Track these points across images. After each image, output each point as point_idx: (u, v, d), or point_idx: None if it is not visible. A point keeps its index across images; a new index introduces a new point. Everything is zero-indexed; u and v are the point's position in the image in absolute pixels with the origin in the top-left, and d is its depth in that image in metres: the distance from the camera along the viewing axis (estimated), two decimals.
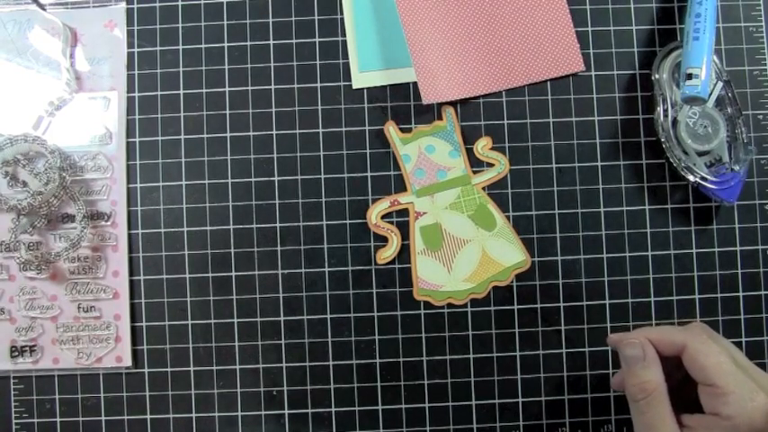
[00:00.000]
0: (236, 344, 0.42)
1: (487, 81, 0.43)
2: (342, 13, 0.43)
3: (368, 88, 0.43)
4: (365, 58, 0.43)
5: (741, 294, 0.42)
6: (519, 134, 0.43)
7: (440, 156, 0.42)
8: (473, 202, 0.42)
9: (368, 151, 0.43)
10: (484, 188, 0.43)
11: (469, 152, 0.43)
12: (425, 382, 0.42)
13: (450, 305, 0.42)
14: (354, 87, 0.43)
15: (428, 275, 0.42)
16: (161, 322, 0.42)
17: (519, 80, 0.43)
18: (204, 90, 0.43)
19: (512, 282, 0.42)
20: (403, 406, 0.42)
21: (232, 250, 0.42)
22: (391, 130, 0.42)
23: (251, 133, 0.43)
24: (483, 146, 0.42)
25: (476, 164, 0.43)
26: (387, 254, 0.42)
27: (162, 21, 0.43)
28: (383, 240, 0.42)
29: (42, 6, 0.43)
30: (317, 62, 0.43)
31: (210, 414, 0.42)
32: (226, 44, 0.43)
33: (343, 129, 0.43)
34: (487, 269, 0.42)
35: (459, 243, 0.42)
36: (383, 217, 0.42)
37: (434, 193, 0.42)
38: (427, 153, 0.42)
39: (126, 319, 0.42)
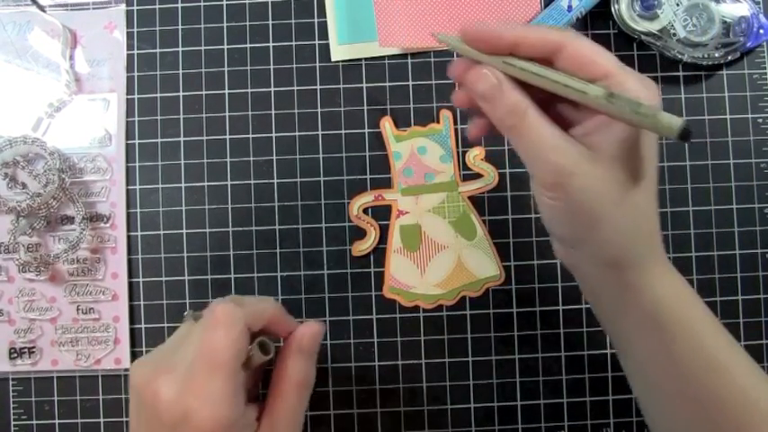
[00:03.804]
0: None
1: (449, 32, 0.43)
2: None
3: (367, 89, 0.43)
4: (342, 34, 0.43)
5: (740, 298, 0.42)
6: None
7: (431, 158, 0.42)
8: (456, 210, 0.42)
9: (367, 154, 0.43)
10: (470, 197, 0.42)
11: (463, 158, 0.42)
12: (424, 384, 0.42)
13: (447, 308, 0.42)
14: (333, 60, 0.43)
15: (400, 274, 0.42)
16: (160, 324, 0.42)
17: None
18: (204, 92, 0.43)
19: (510, 286, 0.42)
20: (402, 409, 0.42)
21: (231, 252, 0.42)
22: (387, 125, 0.42)
23: (250, 135, 0.43)
24: (475, 155, 0.42)
25: (465, 169, 0.43)
26: (363, 247, 0.42)
27: (162, 23, 0.43)
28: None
29: (42, 8, 0.43)
30: (317, 64, 0.43)
31: None
32: (225, 46, 0.43)
33: (343, 131, 0.43)
34: (460, 278, 0.42)
35: (436, 248, 0.42)
36: (365, 211, 0.42)
37: (419, 194, 0.42)
38: (419, 153, 0.42)
39: (125, 320, 0.42)
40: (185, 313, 0.34)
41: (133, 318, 0.42)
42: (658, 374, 0.31)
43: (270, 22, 0.43)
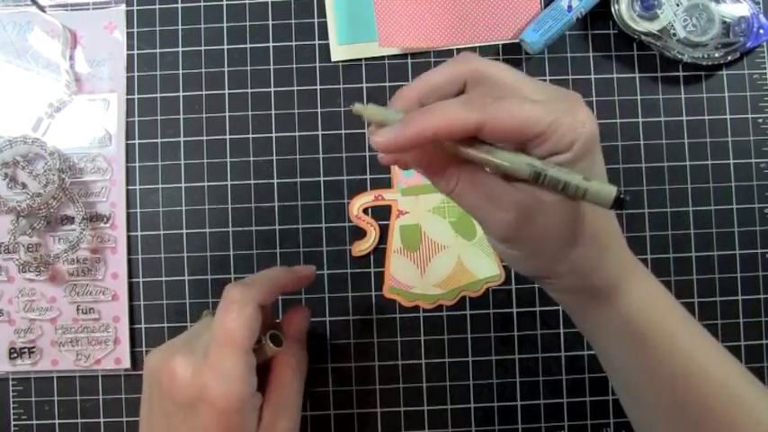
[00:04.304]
0: None
1: (450, 33, 0.43)
2: None
3: (368, 89, 0.43)
4: (342, 34, 0.43)
5: (740, 298, 0.42)
6: None
7: None
8: (456, 210, 0.42)
9: (367, 154, 0.43)
10: None
11: None
12: (424, 384, 0.42)
13: (447, 308, 0.42)
14: (333, 60, 0.43)
15: (400, 275, 0.42)
16: (160, 324, 0.42)
17: (483, 36, 0.43)
18: (204, 92, 0.43)
19: (510, 286, 0.42)
20: (402, 409, 0.42)
21: (231, 252, 0.42)
22: None
23: (250, 135, 0.43)
24: None
25: None
26: (363, 247, 0.42)
27: (162, 23, 0.43)
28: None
29: (42, 8, 0.43)
30: (317, 65, 0.43)
31: None
32: (225, 46, 0.43)
33: (343, 131, 0.43)
34: (460, 278, 0.42)
35: (437, 248, 0.42)
36: (365, 211, 0.42)
37: (419, 194, 0.42)
38: None
39: (125, 320, 0.42)
40: (204, 312, 0.36)
41: (133, 318, 0.42)
42: (638, 383, 0.31)
43: (270, 22, 0.43)
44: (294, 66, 0.43)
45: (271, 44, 0.43)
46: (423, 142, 0.25)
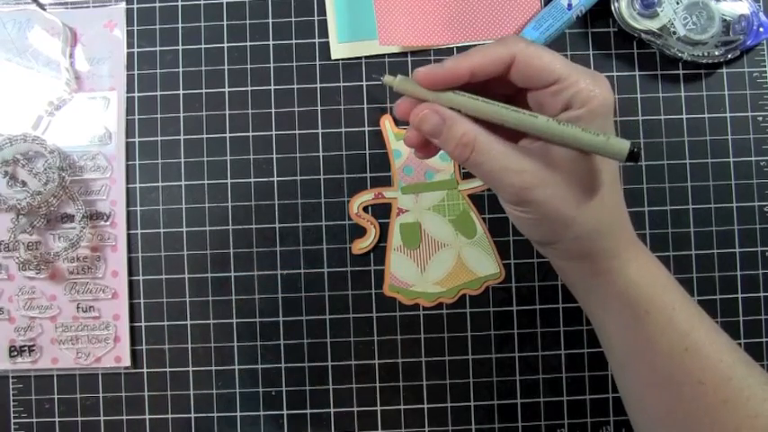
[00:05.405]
0: (235, 344, 0.42)
1: (450, 32, 0.43)
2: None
3: (367, 87, 0.43)
4: (342, 32, 0.43)
5: (740, 296, 0.42)
6: None
7: None
8: (456, 208, 0.42)
9: (367, 152, 0.43)
10: (470, 195, 0.43)
11: None
12: (424, 382, 0.42)
13: (447, 306, 0.42)
14: (333, 58, 0.43)
15: (400, 273, 0.42)
16: (160, 322, 0.42)
17: (483, 34, 0.43)
18: (204, 90, 0.43)
19: (510, 284, 0.42)
20: (402, 407, 0.42)
21: (231, 251, 0.42)
22: (387, 123, 0.42)
23: (250, 133, 0.43)
24: None
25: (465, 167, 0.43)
26: (363, 245, 0.42)
27: (162, 21, 0.43)
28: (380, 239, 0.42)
29: (42, 6, 0.43)
30: (317, 63, 0.43)
31: (209, 414, 0.42)
32: (225, 44, 0.43)
33: (343, 129, 0.43)
34: (460, 276, 0.42)
35: (437, 246, 0.42)
36: (365, 209, 0.42)
37: (419, 192, 0.42)
38: None
39: (125, 319, 0.42)
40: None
41: (133, 316, 0.42)
42: (635, 357, 0.32)
43: (270, 20, 0.43)
44: (294, 64, 0.43)
45: (271, 42, 0.43)
46: (459, 77, 0.28)
